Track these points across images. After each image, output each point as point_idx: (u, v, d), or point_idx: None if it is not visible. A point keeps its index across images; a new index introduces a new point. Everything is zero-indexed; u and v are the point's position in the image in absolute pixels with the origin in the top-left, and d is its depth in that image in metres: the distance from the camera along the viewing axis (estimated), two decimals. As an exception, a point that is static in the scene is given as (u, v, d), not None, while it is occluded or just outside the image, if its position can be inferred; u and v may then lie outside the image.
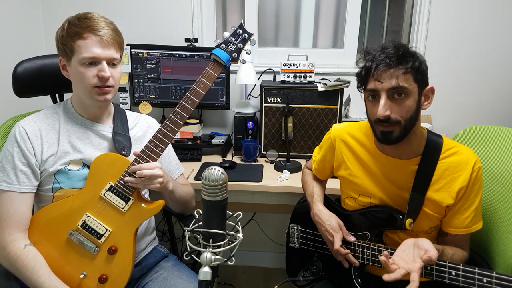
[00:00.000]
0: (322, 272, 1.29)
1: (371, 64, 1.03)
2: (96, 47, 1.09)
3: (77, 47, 1.09)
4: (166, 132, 1.16)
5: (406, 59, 1.00)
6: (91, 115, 1.21)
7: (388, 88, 1.01)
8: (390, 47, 1.02)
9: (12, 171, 1.10)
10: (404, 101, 1.02)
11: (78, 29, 1.09)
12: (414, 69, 1.01)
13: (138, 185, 1.13)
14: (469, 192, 1.08)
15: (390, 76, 1.00)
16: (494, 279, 0.92)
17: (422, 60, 1.03)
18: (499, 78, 2.05)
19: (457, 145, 1.12)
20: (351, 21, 2.15)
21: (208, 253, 0.82)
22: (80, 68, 1.10)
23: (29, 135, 1.12)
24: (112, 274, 1.12)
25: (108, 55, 1.11)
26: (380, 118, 1.02)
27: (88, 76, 1.10)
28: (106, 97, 1.14)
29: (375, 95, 1.05)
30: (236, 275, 2.35)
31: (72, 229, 1.13)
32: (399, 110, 1.02)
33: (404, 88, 1.00)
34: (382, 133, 1.05)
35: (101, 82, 1.11)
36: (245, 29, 1.21)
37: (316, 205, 1.25)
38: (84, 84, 1.12)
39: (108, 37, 1.10)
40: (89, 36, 1.09)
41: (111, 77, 1.13)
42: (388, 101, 1.02)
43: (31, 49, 2.01)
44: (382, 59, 1.01)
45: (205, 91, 1.17)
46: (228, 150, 2.03)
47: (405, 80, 1.00)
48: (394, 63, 0.99)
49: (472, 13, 1.99)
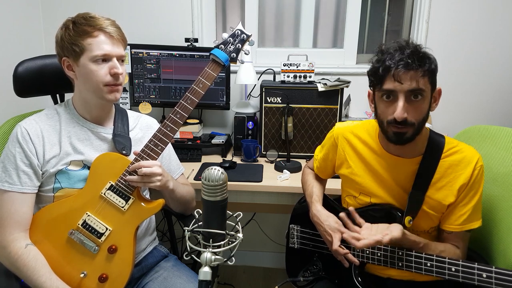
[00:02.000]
0: (322, 272, 1.29)
1: (390, 63, 1.00)
2: (107, 44, 1.11)
3: (87, 45, 1.10)
4: (166, 132, 1.16)
5: (424, 60, 0.99)
6: (93, 116, 1.21)
7: (407, 90, 0.99)
8: (408, 47, 1.00)
9: (14, 172, 1.10)
10: (421, 104, 1.01)
11: (86, 27, 1.10)
12: (431, 71, 1.00)
13: (138, 183, 1.13)
14: (469, 189, 1.08)
15: (411, 78, 0.98)
16: (494, 273, 0.93)
17: (435, 62, 1.02)
18: (499, 78, 2.05)
19: (460, 143, 1.12)
20: (351, 21, 2.15)
21: (208, 253, 0.82)
22: (91, 66, 1.11)
23: (31, 136, 1.12)
24: (112, 274, 1.13)
25: (118, 52, 1.13)
26: (397, 119, 1.00)
27: (100, 74, 1.11)
28: (116, 96, 1.15)
29: (390, 95, 1.02)
30: (236, 275, 2.35)
31: (73, 228, 1.13)
32: (415, 113, 1.01)
33: (422, 90, 0.99)
34: (395, 134, 1.03)
35: (114, 79, 1.13)
36: (243, 30, 1.22)
37: (315, 206, 1.25)
38: (96, 82, 1.12)
39: (116, 35, 1.13)
40: (99, 34, 1.10)
41: (121, 75, 1.15)
42: (405, 103, 1.00)
43: (31, 49, 2.01)
44: (401, 59, 0.98)
45: (204, 91, 1.18)
46: (228, 150, 2.03)
47: (423, 83, 0.99)
48: (415, 65, 0.97)
49: (472, 13, 1.99)
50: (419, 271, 1.04)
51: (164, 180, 1.16)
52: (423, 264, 1.03)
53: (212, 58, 1.19)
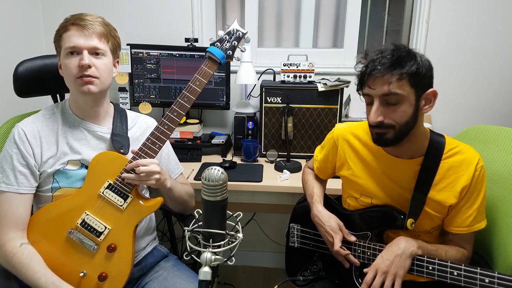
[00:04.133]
0: (322, 272, 1.29)
1: (366, 69, 1.03)
2: (77, 37, 1.10)
3: (62, 40, 1.11)
4: (163, 130, 1.16)
5: (401, 64, 0.98)
6: (86, 115, 1.20)
7: (380, 94, 1.00)
8: (388, 51, 1.00)
9: (11, 172, 1.10)
10: (398, 107, 1.01)
11: (64, 23, 1.12)
12: (410, 74, 0.98)
13: (135, 181, 1.13)
14: (472, 191, 1.08)
15: (383, 83, 0.99)
16: (496, 279, 0.92)
17: (422, 63, 1.00)
18: (499, 78, 2.05)
19: (460, 144, 1.12)
20: (351, 21, 2.15)
21: (208, 253, 0.82)
22: (64, 60, 1.12)
23: (28, 136, 1.12)
24: (111, 272, 1.12)
25: (89, 45, 1.11)
26: (371, 124, 1.04)
27: (70, 67, 1.11)
28: (89, 88, 1.12)
29: (370, 100, 1.05)
30: (236, 275, 2.35)
31: (72, 227, 1.13)
32: (392, 115, 1.01)
33: (396, 94, 0.99)
34: (376, 134, 1.06)
35: (81, 72, 1.10)
36: (238, 27, 1.22)
37: (316, 206, 1.25)
38: (68, 76, 1.13)
39: (90, 27, 1.11)
40: (72, 27, 1.11)
41: (94, 67, 1.11)
42: (380, 107, 1.01)
43: (31, 49, 2.01)
44: (375, 65, 0.99)
45: (201, 89, 1.18)
46: (228, 150, 2.03)
47: (398, 87, 0.98)
48: (387, 70, 0.98)
49: (472, 13, 1.99)
50: (421, 274, 1.04)
51: (162, 179, 1.16)
52: (425, 267, 1.03)
53: (208, 55, 1.20)
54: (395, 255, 1.04)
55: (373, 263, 1.07)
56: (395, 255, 1.04)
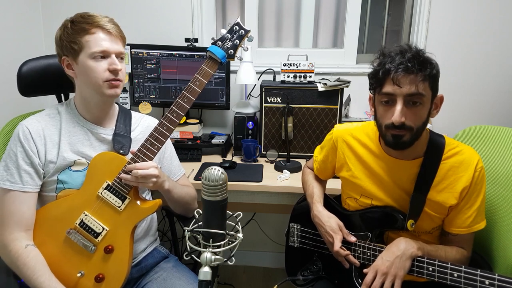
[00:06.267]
0: (322, 272, 1.29)
1: (390, 66, 0.99)
2: (105, 41, 1.11)
3: (85, 42, 1.10)
4: (162, 131, 1.16)
5: (425, 65, 0.98)
6: (94, 116, 1.20)
7: (406, 94, 0.98)
8: (410, 51, 0.99)
9: (16, 171, 1.10)
10: (420, 109, 1.00)
11: (84, 25, 1.10)
12: (432, 76, 0.99)
13: (133, 183, 1.13)
14: (472, 191, 1.08)
15: (410, 82, 0.97)
16: (497, 281, 0.92)
17: (437, 67, 1.01)
18: (499, 78, 2.05)
19: (459, 144, 1.11)
20: (351, 21, 2.15)
21: (208, 253, 0.82)
22: (90, 63, 1.11)
23: (32, 135, 1.12)
24: (108, 274, 1.12)
25: (116, 49, 1.13)
26: (395, 124, 0.99)
27: (99, 70, 1.11)
28: (116, 91, 1.15)
29: (389, 99, 1.02)
30: (236, 275, 2.35)
31: (70, 227, 1.13)
32: (413, 117, 1.00)
33: (421, 95, 0.98)
34: (393, 136, 1.03)
35: (113, 75, 1.12)
36: (242, 25, 1.20)
37: (316, 206, 1.25)
38: (95, 79, 1.12)
39: (115, 31, 1.13)
40: (97, 31, 1.11)
41: (121, 71, 1.14)
42: (404, 107, 0.99)
43: (31, 49, 2.01)
44: (402, 62, 0.97)
45: (201, 89, 1.17)
46: (228, 150, 2.03)
47: (423, 88, 0.98)
48: (416, 69, 0.96)
49: (472, 13, 1.99)
50: (421, 276, 1.04)
51: (159, 181, 1.16)
52: (425, 268, 1.03)
53: (208, 55, 1.18)
54: (395, 256, 1.04)
55: (373, 264, 1.07)
56: (395, 256, 1.04)
